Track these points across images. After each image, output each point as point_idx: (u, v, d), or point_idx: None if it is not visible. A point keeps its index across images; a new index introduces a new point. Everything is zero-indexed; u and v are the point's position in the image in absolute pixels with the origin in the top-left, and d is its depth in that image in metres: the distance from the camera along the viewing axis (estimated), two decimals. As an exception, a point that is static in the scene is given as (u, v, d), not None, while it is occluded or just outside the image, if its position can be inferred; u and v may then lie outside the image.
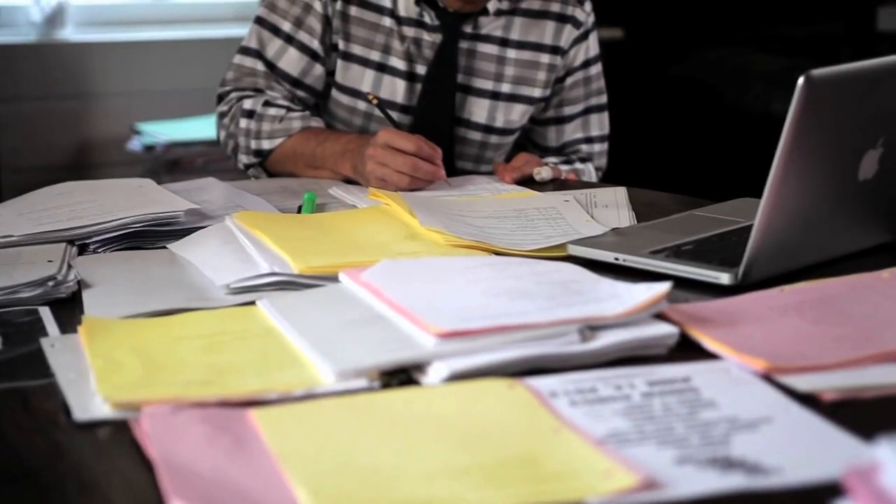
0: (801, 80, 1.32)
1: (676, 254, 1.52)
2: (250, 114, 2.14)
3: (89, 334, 1.26)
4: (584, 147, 2.31)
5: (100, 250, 1.63)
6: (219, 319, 1.33)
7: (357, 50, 2.16)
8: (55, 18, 3.73)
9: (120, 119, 3.65)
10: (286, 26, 2.16)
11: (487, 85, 2.19)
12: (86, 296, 1.43)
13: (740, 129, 3.72)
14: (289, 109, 2.13)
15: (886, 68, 1.45)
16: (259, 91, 2.17)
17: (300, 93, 2.18)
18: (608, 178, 2.26)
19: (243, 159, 2.17)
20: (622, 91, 4.19)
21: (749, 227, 1.42)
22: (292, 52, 2.16)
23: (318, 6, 2.15)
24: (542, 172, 2.05)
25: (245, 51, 2.19)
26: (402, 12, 2.15)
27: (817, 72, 1.34)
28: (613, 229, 1.69)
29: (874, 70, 1.43)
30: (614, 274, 1.43)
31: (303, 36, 2.15)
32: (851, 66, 1.40)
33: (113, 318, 1.33)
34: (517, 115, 2.22)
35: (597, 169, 2.32)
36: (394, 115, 2.11)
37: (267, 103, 2.14)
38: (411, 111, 2.16)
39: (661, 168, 4.15)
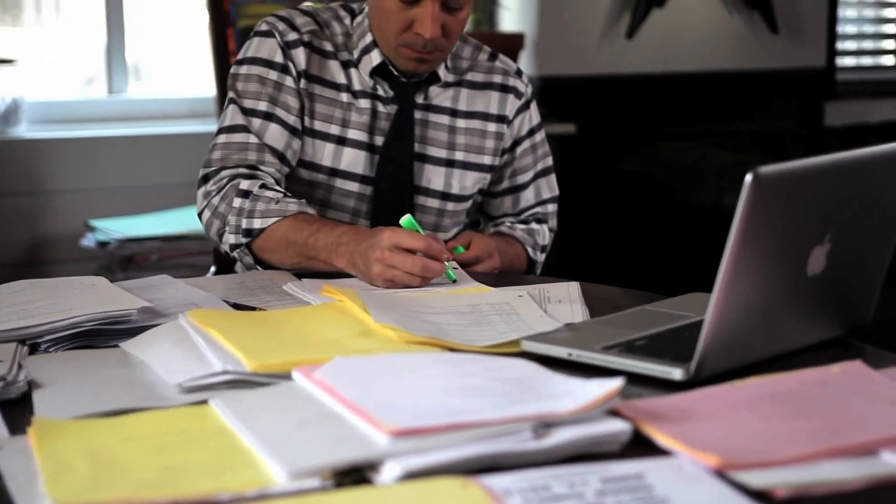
0: (748, 178, 1.34)
1: (629, 349, 1.53)
2: (246, 194, 2.09)
3: (39, 436, 1.24)
4: (540, 210, 2.37)
5: (51, 349, 1.61)
6: (171, 419, 1.32)
7: (318, 126, 2.20)
8: (9, 115, 3.74)
9: (74, 215, 3.65)
10: (262, 106, 2.18)
11: (441, 153, 2.25)
12: (36, 396, 1.41)
13: (691, 224, 3.76)
14: (285, 195, 2.11)
15: (831, 165, 1.47)
16: (251, 167, 2.14)
17: (285, 168, 2.19)
18: (560, 272, 2.28)
19: (230, 239, 2.10)
20: (574, 185, 4.24)
21: (700, 322, 1.43)
22: (274, 127, 2.17)
23: (289, 82, 2.18)
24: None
25: (230, 129, 2.18)
26: (357, 86, 2.21)
27: (764, 169, 1.36)
28: (567, 324, 1.69)
29: (820, 167, 1.45)
30: (568, 369, 1.43)
31: (280, 112, 2.18)
32: (798, 163, 1.42)
33: (64, 419, 1.32)
34: (471, 181, 2.28)
35: (550, 230, 2.39)
36: (355, 186, 2.16)
37: (264, 186, 2.11)
38: (372, 181, 2.19)
39: (613, 262, 4.18)
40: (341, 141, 2.20)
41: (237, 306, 1.83)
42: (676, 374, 1.44)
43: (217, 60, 3.40)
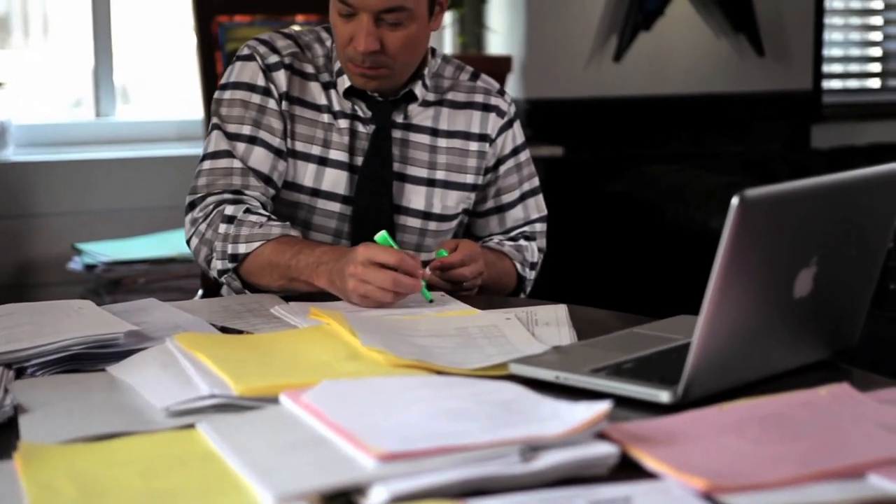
0: (734, 201, 1.34)
1: (617, 372, 1.53)
2: (231, 219, 2.11)
3: (25, 461, 1.24)
4: (528, 228, 2.37)
5: (38, 373, 1.61)
6: (158, 443, 1.32)
7: (300, 147, 2.21)
8: (-4, 139, 3.73)
9: (61, 239, 3.64)
10: (246, 129, 2.19)
11: (422, 173, 2.26)
12: (23, 421, 1.41)
13: (679, 246, 3.76)
14: (269, 218, 2.12)
15: (818, 188, 1.47)
16: (236, 192, 2.16)
17: (270, 190, 2.20)
18: (549, 295, 2.28)
19: (217, 265, 2.11)
20: (562, 208, 4.24)
21: (688, 345, 1.43)
22: (258, 151, 2.19)
23: (272, 104, 2.20)
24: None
25: (214, 154, 2.19)
26: (337, 107, 2.23)
27: (751, 192, 1.36)
28: (554, 347, 1.69)
29: (806, 190, 1.46)
30: (555, 392, 1.43)
31: (264, 135, 2.19)
32: (784, 185, 1.43)
33: (50, 444, 1.32)
34: (453, 201, 2.28)
35: (539, 249, 2.38)
36: (336, 206, 2.18)
37: (248, 210, 2.12)
38: (351, 201, 2.20)
39: (601, 285, 4.18)
40: (323, 161, 2.22)
41: (224, 329, 1.83)
42: (664, 396, 1.44)
43: (205, 83, 3.40)
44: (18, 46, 4.14)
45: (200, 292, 2.52)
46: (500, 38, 4.40)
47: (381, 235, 1.99)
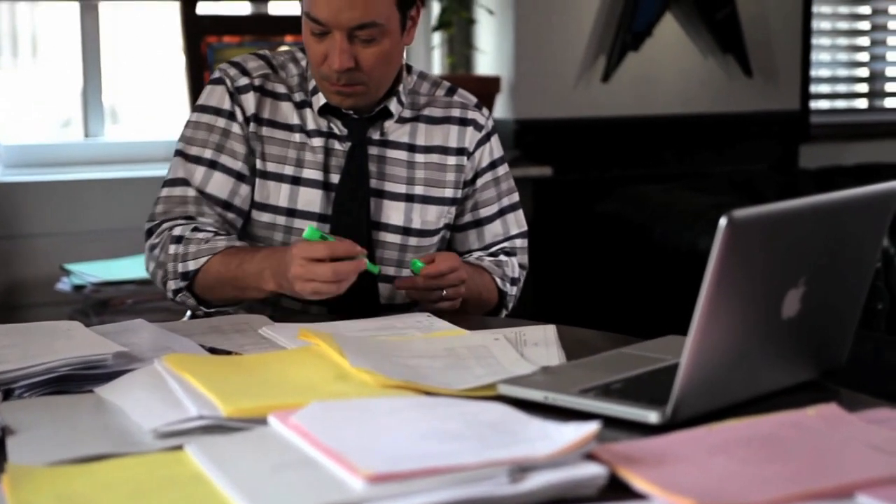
0: (722, 221, 1.35)
1: (605, 392, 1.53)
2: (179, 239, 2.16)
3: (13, 483, 1.24)
4: (508, 244, 2.37)
5: (25, 395, 1.60)
6: (146, 465, 1.32)
7: (272, 167, 2.23)
8: (-16, 159, 3.73)
9: (49, 259, 3.63)
10: (208, 154, 2.22)
11: (400, 188, 2.27)
12: (10, 442, 1.40)
13: (668, 266, 3.77)
14: (216, 233, 2.17)
15: (806, 208, 1.48)
16: (190, 218, 2.19)
17: (230, 215, 2.23)
18: (537, 315, 2.28)
19: (171, 285, 2.17)
20: (550, 227, 4.25)
21: (677, 365, 1.44)
22: (218, 176, 2.21)
23: (236, 128, 2.23)
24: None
25: (172, 182, 2.23)
26: (310, 126, 2.24)
27: (739, 212, 1.36)
28: (543, 368, 1.69)
29: (794, 210, 1.46)
30: (544, 413, 1.43)
31: (226, 160, 2.22)
32: (772, 206, 1.43)
33: (38, 466, 1.31)
34: (432, 216, 2.29)
35: (520, 266, 2.38)
36: (313, 224, 2.19)
37: (196, 229, 2.17)
38: (329, 219, 2.21)
39: (589, 305, 4.18)
40: (296, 181, 2.23)
41: (213, 350, 1.83)
42: (652, 417, 1.44)
43: (194, 104, 3.40)
44: (7, 67, 4.14)
45: (189, 313, 2.51)
46: (489, 58, 4.41)
47: (309, 231, 2.02)
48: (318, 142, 2.24)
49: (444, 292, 2.10)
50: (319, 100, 2.23)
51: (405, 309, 2.23)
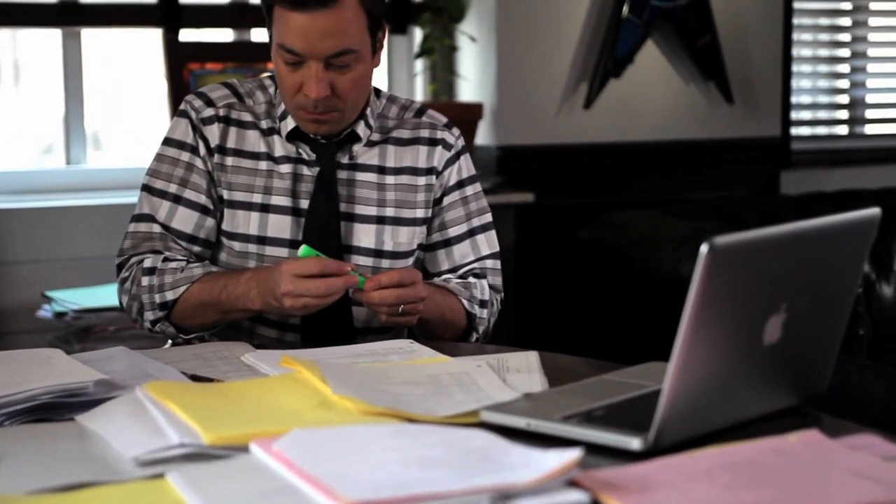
0: (703, 248, 1.35)
1: (588, 419, 1.53)
2: (151, 271, 2.17)
3: (-7, 511, 1.23)
4: (478, 265, 2.35)
5: (6, 423, 1.60)
6: (127, 493, 1.31)
7: (239, 196, 2.23)
8: (-35, 186, 3.72)
9: (31, 286, 3.62)
10: (172, 188, 2.23)
11: (371, 211, 2.27)
12: (-10, 471, 1.40)
13: (650, 292, 3.77)
14: (188, 261, 2.19)
15: (787, 235, 1.48)
16: (157, 253, 2.21)
17: (196, 248, 2.24)
18: (519, 342, 2.28)
19: (149, 316, 2.18)
20: (533, 254, 4.26)
21: (658, 392, 1.44)
22: (182, 211, 2.22)
23: (199, 163, 2.24)
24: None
25: (138, 217, 2.25)
26: (278, 152, 2.25)
27: (720, 239, 1.37)
28: (525, 394, 1.69)
29: (775, 237, 1.47)
30: (527, 440, 1.43)
31: (190, 194, 2.23)
32: (753, 233, 1.43)
33: (19, 495, 1.31)
34: (404, 237, 2.28)
35: (492, 287, 2.34)
36: (284, 251, 2.21)
37: (167, 259, 2.19)
38: (299, 245, 2.19)
39: (572, 331, 4.18)
40: (265, 208, 2.23)
41: (195, 378, 1.82)
42: (635, 443, 1.44)
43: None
44: (-11, 93, 4.13)
45: (170, 340, 2.51)
46: (471, 85, 4.42)
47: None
48: (286, 168, 2.24)
49: (401, 308, 2.08)
50: (288, 125, 2.23)
51: (382, 332, 2.24)
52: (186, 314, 2.16)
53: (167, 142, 2.27)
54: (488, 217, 2.37)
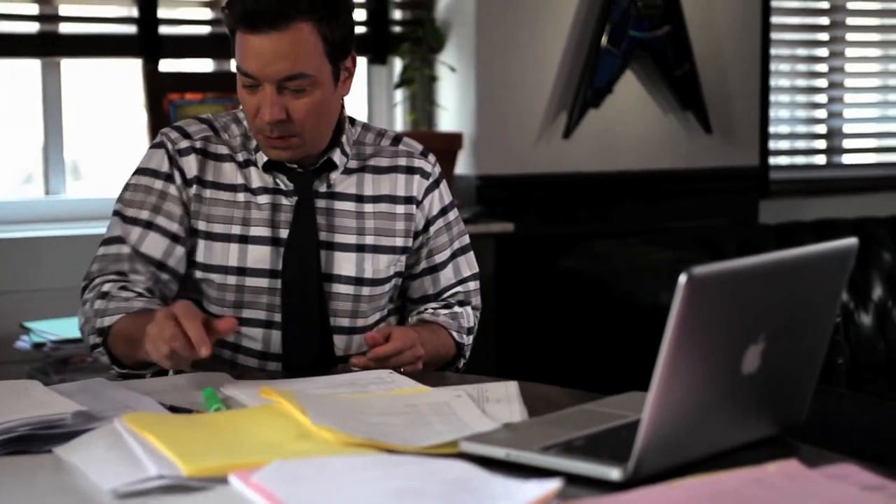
0: (682, 278, 1.35)
1: (567, 449, 1.53)
2: (105, 294, 2.15)
3: (-31, 544, 1.22)
4: (461, 288, 2.38)
5: (-17, 455, 1.59)
6: (105, 526, 1.30)
7: (218, 228, 2.23)
8: (-57, 217, 3.71)
9: (9, 317, 3.61)
10: (144, 214, 2.22)
11: (351, 239, 2.27)
12: (-33, 503, 1.39)
13: (630, 322, 3.78)
14: (141, 295, 2.15)
15: (765, 265, 1.49)
16: (122, 274, 2.19)
17: (164, 276, 2.22)
18: (499, 371, 2.28)
19: (91, 340, 2.15)
20: (513, 284, 4.26)
21: (638, 422, 1.44)
22: (153, 236, 2.21)
23: (173, 190, 2.23)
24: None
25: (108, 241, 2.23)
26: (255, 184, 2.25)
27: (698, 269, 1.37)
28: (505, 425, 1.69)
29: (753, 267, 1.47)
30: (506, 470, 1.43)
31: (161, 220, 2.22)
32: (731, 263, 1.44)
33: (-5, 527, 1.30)
34: (384, 265, 2.29)
35: (474, 309, 2.40)
36: (264, 282, 2.21)
37: (124, 287, 2.16)
38: (279, 275, 2.21)
39: (551, 361, 4.18)
40: (244, 239, 2.23)
41: (173, 409, 1.82)
42: (614, 474, 1.44)
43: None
44: (-32, 124, 4.13)
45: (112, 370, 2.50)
46: (451, 115, 4.43)
47: (206, 391, 1.87)
48: (264, 199, 2.24)
49: (402, 369, 2.10)
50: (263, 156, 2.24)
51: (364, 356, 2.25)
52: (116, 343, 2.10)
53: (141, 171, 2.27)
54: (467, 238, 2.42)
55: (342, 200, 2.28)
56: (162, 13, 4.09)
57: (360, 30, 4.42)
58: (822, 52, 5.18)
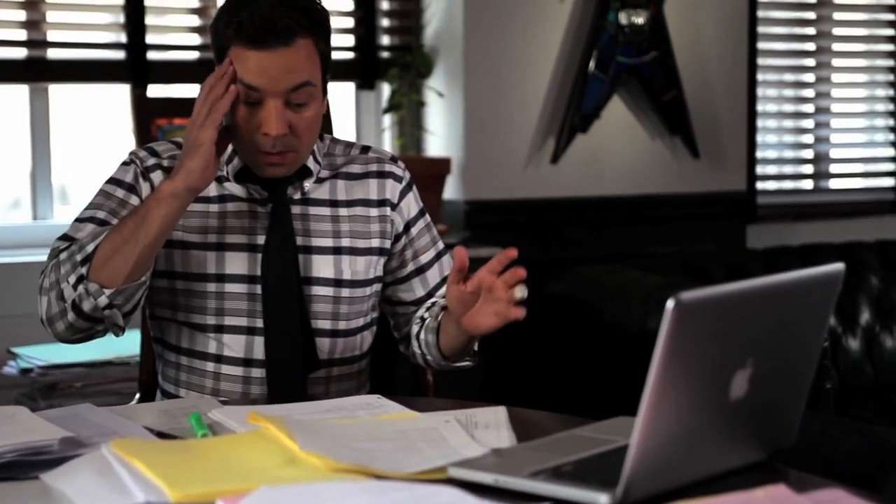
0: (669, 304, 1.35)
1: (556, 475, 1.53)
2: (65, 250, 2.13)
3: (-45, 572, 1.22)
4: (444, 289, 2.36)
5: (-30, 482, 1.58)
6: (91, 552, 1.30)
7: (194, 238, 2.24)
8: (-69, 242, 3.70)
9: (-5, 343, 3.59)
10: (100, 214, 2.21)
11: (327, 242, 2.29)
12: (-47, 530, 1.38)
13: (618, 347, 3.78)
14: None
15: (753, 290, 1.49)
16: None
17: None
18: (487, 397, 2.28)
19: (72, 280, 2.09)
20: (502, 309, 4.24)
21: (627, 447, 1.44)
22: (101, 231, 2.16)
23: (133, 200, 2.23)
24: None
25: (60, 239, 2.20)
26: (228, 195, 2.26)
27: (686, 294, 1.37)
28: (494, 450, 1.69)
29: (741, 292, 1.47)
30: (495, 496, 1.43)
31: (116, 223, 2.17)
32: (719, 288, 1.44)
33: (-19, 554, 1.30)
34: (362, 266, 2.31)
35: None
36: (244, 287, 2.22)
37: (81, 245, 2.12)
38: (258, 280, 2.22)
39: (540, 386, 4.18)
40: (221, 247, 2.24)
41: (161, 435, 1.81)
42: (603, 499, 1.44)
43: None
44: (-45, 149, 4.12)
45: (137, 396, 2.50)
46: (439, 140, 4.44)
47: (192, 416, 1.87)
48: (239, 207, 2.26)
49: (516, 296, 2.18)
50: (235, 167, 2.25)
51: (345, 363, 2.28)
52: (104, 261, 2.06)
53: (106, 181, 2.27)
54: (441, 240, 2.45)
55: (316, 206, 2.30)
56: (150, 39, 4.10)
57: (348, 55, 4.43)
58: (809, 77, 5.20)
